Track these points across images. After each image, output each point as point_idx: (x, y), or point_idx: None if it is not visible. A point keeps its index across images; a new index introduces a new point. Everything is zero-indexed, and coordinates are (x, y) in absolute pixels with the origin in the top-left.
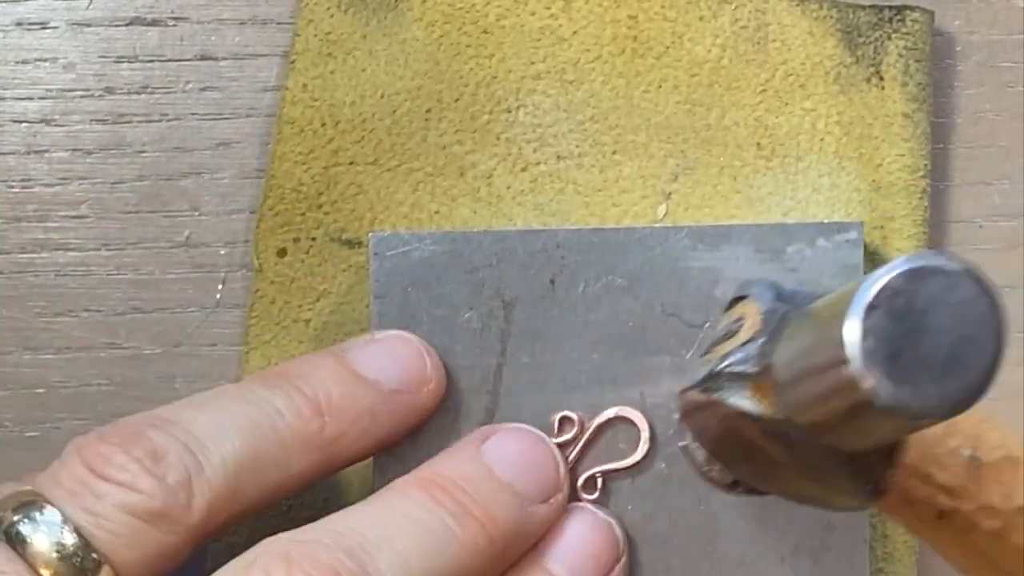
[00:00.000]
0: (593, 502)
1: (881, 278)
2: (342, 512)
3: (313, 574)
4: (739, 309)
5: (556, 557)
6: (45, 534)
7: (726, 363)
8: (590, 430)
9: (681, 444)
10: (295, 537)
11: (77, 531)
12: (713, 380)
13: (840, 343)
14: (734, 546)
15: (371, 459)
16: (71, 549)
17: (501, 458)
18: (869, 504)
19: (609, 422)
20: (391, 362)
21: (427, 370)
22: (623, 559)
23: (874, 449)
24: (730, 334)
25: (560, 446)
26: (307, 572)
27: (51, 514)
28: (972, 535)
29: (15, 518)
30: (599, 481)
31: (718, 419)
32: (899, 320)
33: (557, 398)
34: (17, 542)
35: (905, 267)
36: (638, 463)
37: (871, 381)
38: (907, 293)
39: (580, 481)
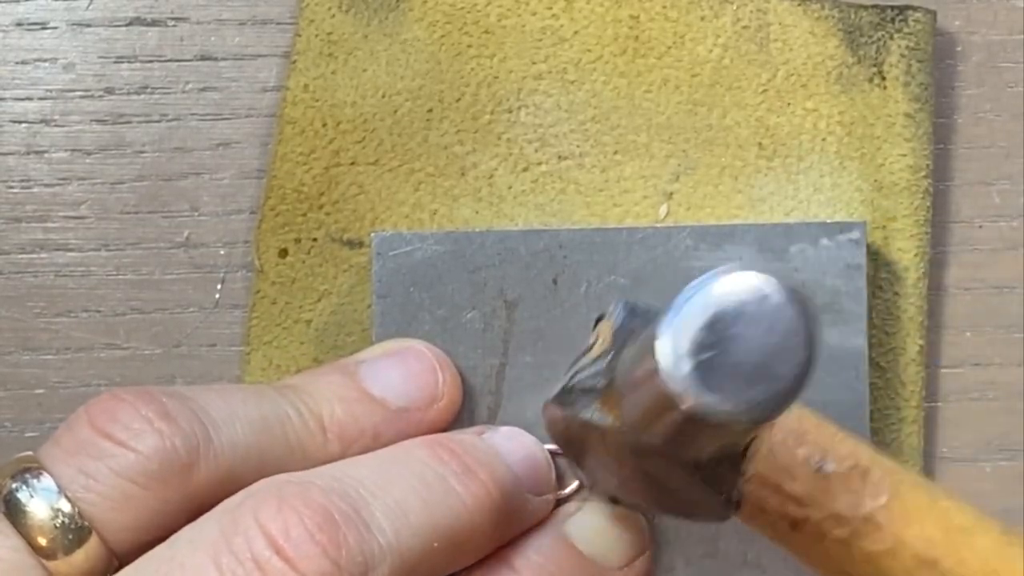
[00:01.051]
0: (654, 530)
1: (694, 289)
2: (343, 461)
3: (304, 512)
4: (599, 327)
5: (583, 536)
6: (43, 500)
7: (578, 378)
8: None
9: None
10: (290, 478)
11: (68, 496)
12: (567, 394)
13: (654, 354)
14: (737, 545)
15: None
16: (66, 516)
17: (502, 444)
18: (727, 514)
19: None
20: (401, 378)
21: (439, 387)
22: (648, 551)
23: (721, 460)
24: (587, 350)
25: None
26: (297, 511)
27: (47, 480)
28: (823, 543)
29: (13, 485)
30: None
31: (575, 433)
32: (709, 329)
33: None
34: (15, 511)
35: (716, 279)
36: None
37: (679, 389)
38: (718, 304)
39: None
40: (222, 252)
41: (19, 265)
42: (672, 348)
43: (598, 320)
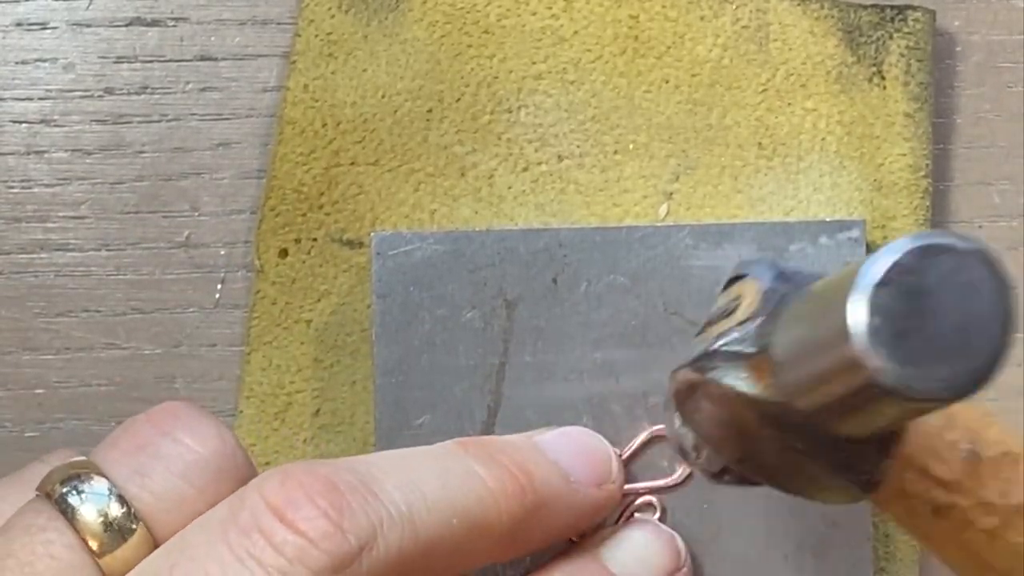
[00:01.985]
0: None
1: (888, 255)
2: (376, 453)
3: (306, 482)
4: (737, 288)
5: (615, 558)
6: (93, 504)
7: (722, 342)
8: (628, 452)
9: (668, 429)
10: (298, 462)
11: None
12: (708, 359)
13: (843, 321)
14: (737, 544)
15: None
16: (116, 518)
17: (552, 444)
18: (862, 495)
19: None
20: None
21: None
22: (684, 570)
23: (871, 438)
24: (727, 312)
25: None
26: (301, 482)
27: (98, 484)
28: (968, 532)
29: (63, 490)
30: (657, 507)
31: (711, 400)
32: (905, 299)
33: (559, 396)
34: (67, 513)
35: (913, 245)
36: (679, 483)
37: (876, 361)
38: (915, 272)
39: (636, 504)
40: (222, 252)
41: (19, 265)
42: (867, 317)
43: (731, 281)
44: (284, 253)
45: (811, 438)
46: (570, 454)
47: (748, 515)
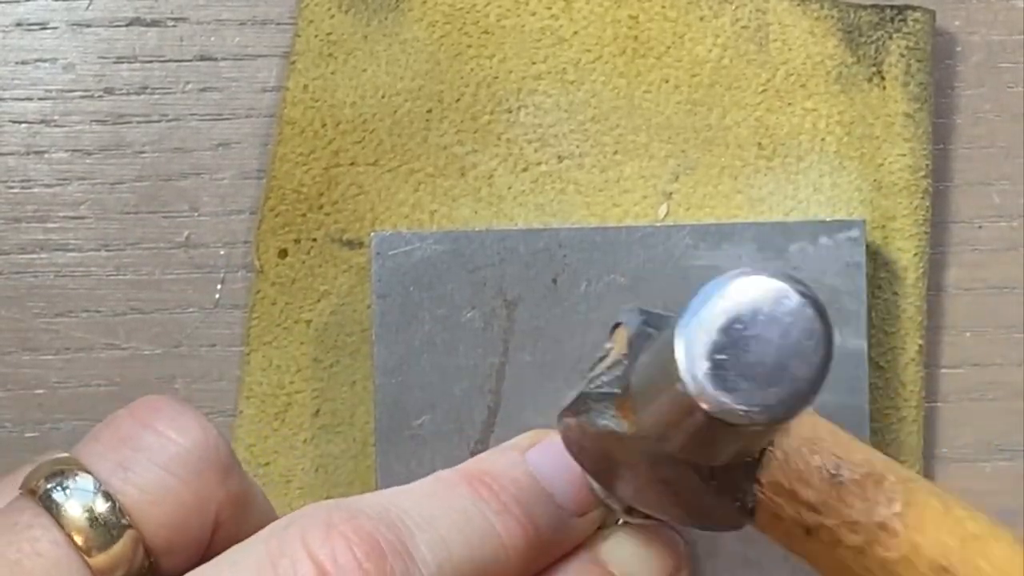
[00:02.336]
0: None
1: (710, 292)
2: (386, 490)
3: (353, 541)
4: (615, 334)
5: (615, 558)
6: (78, 500)
7: (594, 384)
8: None
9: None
10: (339, 504)
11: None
12: (582, 402)
13: (672, 357)
14: (737, 544)
15: (373, 461)
16: (102, 513)
17: (544, 468)
18: (742, 522)
19: None
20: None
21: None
22: (684, 571)
23: (736, 467)
24: (602, 358)
25: None
26: (347, 538)
27: (83, 480)
28: (838, 550)
29: (48, 486)
30: None
31: (591, 441)
32: (726, 332)
33: (559, 397)
34: (52, 510)
35: (733, 281)
36: None
37: (697, 390)
38: (735, 306)
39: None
40: (222, 252)
41: (19, 265)
42: (689, 350)
43: (614, 328)
44: (284, 253)
45: (680, 470)
46: (561, 483)
47: None
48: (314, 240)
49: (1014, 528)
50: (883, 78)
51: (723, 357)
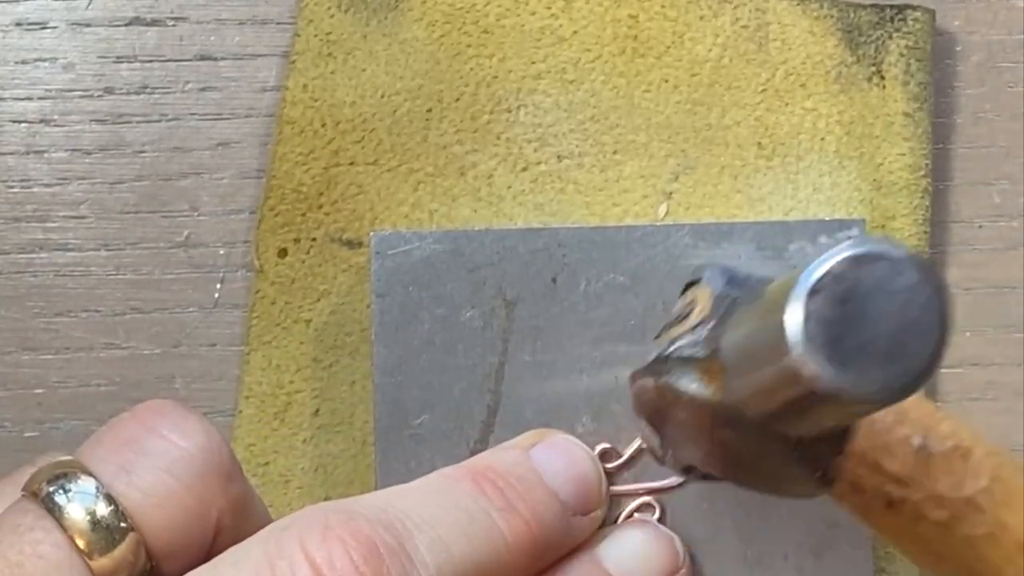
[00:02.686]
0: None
1: (824, 263)
2: (387, 490)
3: (350, 544)
4: (691, 293)
5: (613, 559)
6: (80, 503)
7: (675, 347)
8: (626, 456)
9: (637, 429)
10: (336, 506)
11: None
12: (662, 364)
13: (781, 328)
14: (737, 543)
15: (372, 460)
16: (104, 516)
17: (549, 465)
18: (818, 492)
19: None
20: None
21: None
22: (682, 571)
23: (822, 436)
24: (681, 317)
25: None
26: (344, 542)
27: (84, 483)
28: (920, 525)
29: (50, 489)
30: (656, 508)
31: (667, 404)
32: (841, 305)
33: (559, 396)
34: (53, 513)
35: (848, 253)
36: (675, 485)
37: (812, 367)
38: (850, 279)
39: (634, 505)
40: (221, 252)
41: (19, 265)
42: (801, 322)
43: (688, 286)
44: (283, 253)
45: (764, 438)
46: (565, 481)
47: (748, 515)
48: (314, 240)
49: None
50: (883, 78)
51: (839, 332)
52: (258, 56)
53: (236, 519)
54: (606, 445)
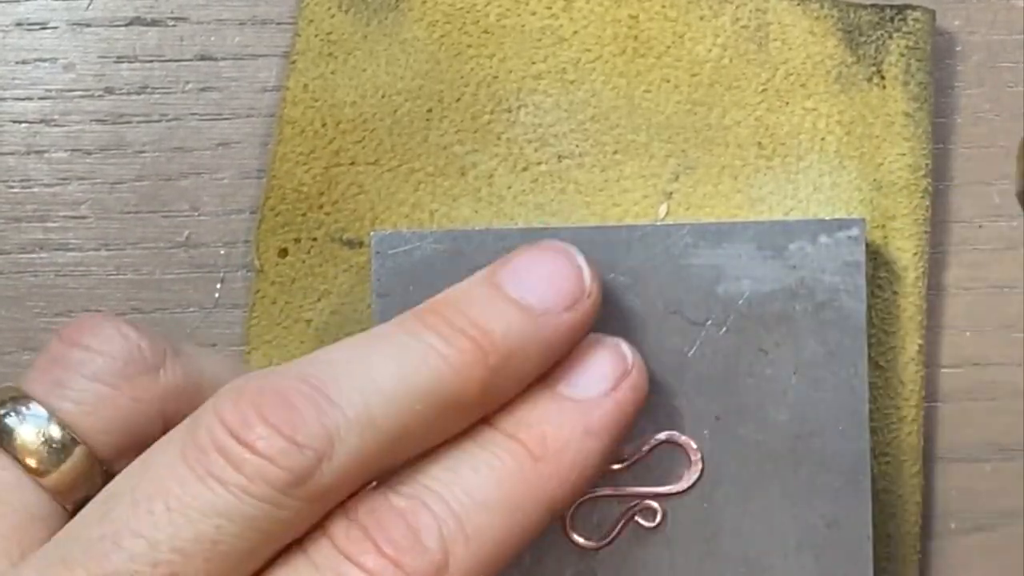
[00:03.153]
0: (654, 529)
1: None
2: (321, 349)
3: (258, 401)
4: None
5: (560, 376)
6: (32, 425)
7: None
8: (639, 455)
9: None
10: (253, 374)
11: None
12: None
13: None
14: (736, 543)
15: None
16: (52, 435)
17: (513, 275)
18: None
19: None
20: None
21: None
22: (633, 372)
23: None
24: None
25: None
26: (255, 403)
27: (36, 407)
28: None
29: (1, 412)
30: (659, 511)
31: None
32: None
33: None
34: (3, 435)
35: None
36: (688, 489)
37: None
38: None
39: (637, 506)
40: (222, 252)
41: (19, 265)
42: None
43: None
44: (284, 252)
45: None
46: (536, 281)
47: (748, 515)
48: (314, 239)
49: (1015, 526)
50: (883, 78)
51: None
52: (258, 56)
53: (181, 404)
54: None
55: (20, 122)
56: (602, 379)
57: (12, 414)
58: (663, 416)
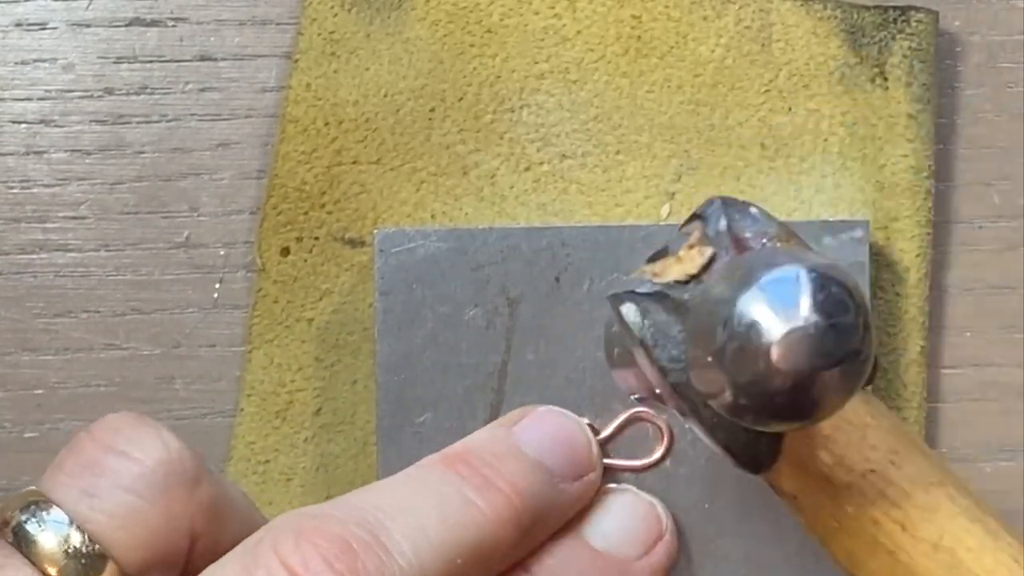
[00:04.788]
0: None
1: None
2: (362, 488)
3: (322, 546)
4: (690, 230)
5: (597, 531)
6: (53, 532)
7: (653, 288)
8: (608, 431)
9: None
10: (308, 511)
11: (79, 526)
12: (640, 300)
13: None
14: (738, 544)
15: (374, 460)
16: (77, 545)
17: (531, 436)
18: (754, 472)
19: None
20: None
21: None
22: (666, 536)
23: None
24: (672, 255)
25: None
26: (316, 545)
27: (56, 512)
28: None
29: (22, 517)
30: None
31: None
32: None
33: (562, 395)
34: (25, 543)
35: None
36: (655, 462)
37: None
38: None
39: (611, 487)
40: (221, 252)
41: (18, 266)
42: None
43: (691, 219)
44: (286, 251)
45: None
46: (550, 448)
47: (748, 515)
48: (316, 238)
49: (1014, 528)
50: (886, 79)
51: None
52: (258, 57)
53: (211, 523)
54: (586, 421)
55: (19, 123)
56: (638, 541)
57: (32, 520)
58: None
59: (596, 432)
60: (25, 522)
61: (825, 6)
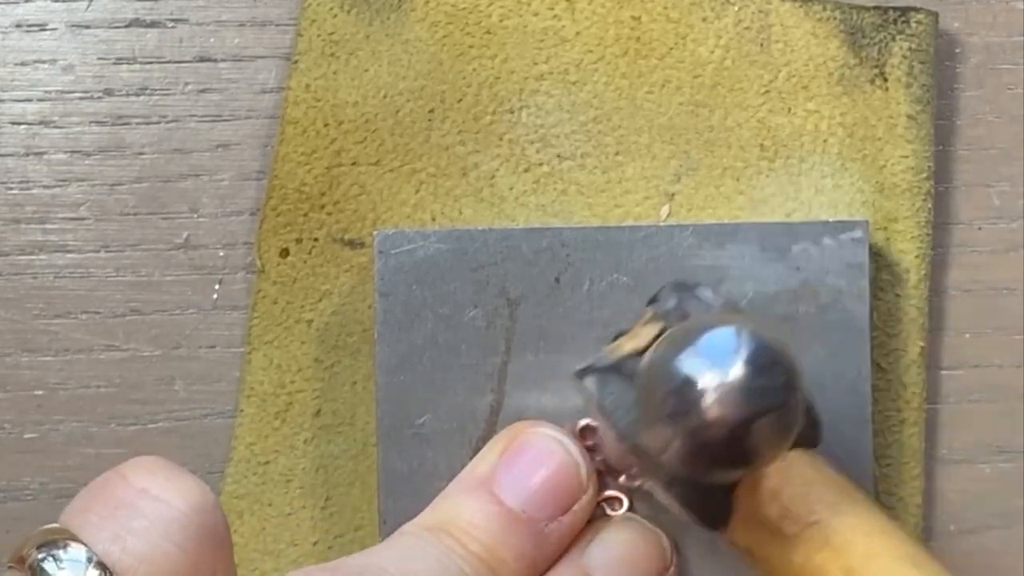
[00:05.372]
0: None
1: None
2: (361, 552)
3: None
4: (647, 308)
5: (598, 562)
6: (71, 571)
7: (610, 362)
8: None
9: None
10: (317, 569)
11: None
12: (602, 373)
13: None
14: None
15: (374, 461)
16: None
17: (512, 487)
18: (712, 529)
19: None
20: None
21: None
22: (671, 569)
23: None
24: (631, 333)
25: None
26: None
27: (75, 551)
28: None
29: (39, 556)
30: (624, 501)
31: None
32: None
33: (562, 396)
34: None
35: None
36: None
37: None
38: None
39: (602, 497)
40: (221, 254)
41: (18, 267)
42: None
43: (649, 302)
44: (285, 252)
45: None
46: (533, 492)
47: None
48: (316, 240)
49: (1015, 528)
50: (885, 80)
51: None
52: (258, 58)
53: None
54: (586, 422)
55: (19, 124)
56: (639, 573)
57: (50, 559)
58: None
59: (595, 430)
60: (43, 560)
61: (824, 7)
